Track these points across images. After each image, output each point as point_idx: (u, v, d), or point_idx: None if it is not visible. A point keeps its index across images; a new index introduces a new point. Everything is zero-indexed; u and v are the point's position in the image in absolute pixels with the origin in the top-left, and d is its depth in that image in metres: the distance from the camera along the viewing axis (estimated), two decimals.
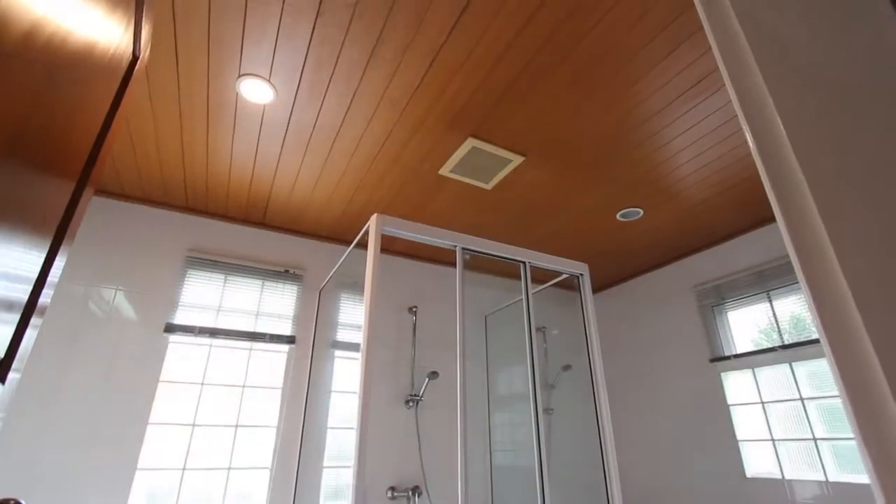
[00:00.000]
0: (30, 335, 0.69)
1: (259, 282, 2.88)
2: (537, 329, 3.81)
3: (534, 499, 1.87)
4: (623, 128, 2.07)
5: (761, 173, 0.50)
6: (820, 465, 2.39)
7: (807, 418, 2.49)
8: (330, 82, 1.82)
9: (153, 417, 2.35)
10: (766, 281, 2.80)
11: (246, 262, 2.86)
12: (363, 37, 1.62)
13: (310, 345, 2.90)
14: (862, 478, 2.25)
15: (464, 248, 2.09)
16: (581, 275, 2.45)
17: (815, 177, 0.47)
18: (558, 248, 3.31)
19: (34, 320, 0.68)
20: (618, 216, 2.84)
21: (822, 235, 0.45)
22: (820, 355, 2.48)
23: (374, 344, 3.00)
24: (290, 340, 2.84)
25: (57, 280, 0.76)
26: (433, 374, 2.98)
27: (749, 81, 0.52)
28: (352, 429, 2.85)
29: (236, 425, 2.54)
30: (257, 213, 2.87)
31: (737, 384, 2.91)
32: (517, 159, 2.27)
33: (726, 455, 2.82)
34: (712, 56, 1.71)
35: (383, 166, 2.38)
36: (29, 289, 0.65)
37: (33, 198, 0.58)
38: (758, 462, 2.70)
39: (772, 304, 2.79)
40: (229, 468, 2.45)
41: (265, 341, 2.77)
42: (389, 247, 3.34)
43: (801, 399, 2.53)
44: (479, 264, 3.65)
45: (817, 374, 2.51)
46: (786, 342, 2.67)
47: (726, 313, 3.08)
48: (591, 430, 2.19)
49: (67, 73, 0.57)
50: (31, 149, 0.53)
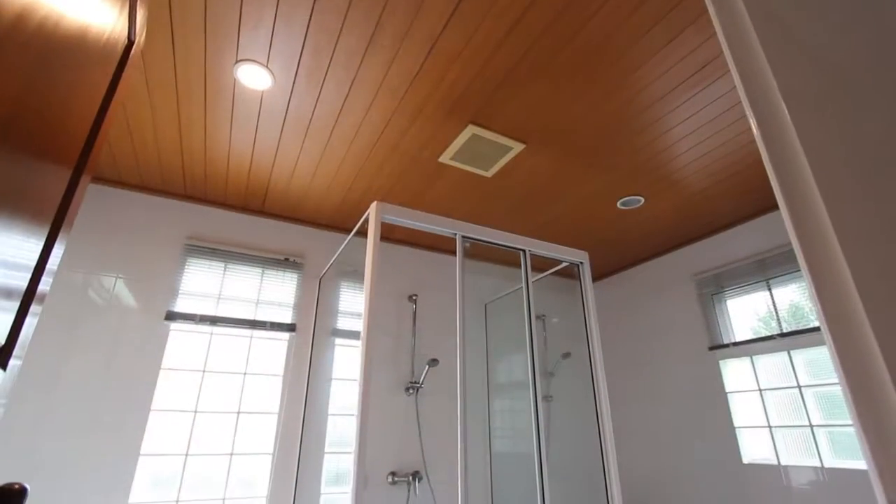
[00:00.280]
0: (30, 323, 0.69)
1: (259, 270, 2.88)
2: (537, 317, 3.82)
3: (532, 484, 1.90)
4: (624, 115, 2.05)
5: (764, 159, 0.50)
6: (816, 451, 2.41)
7: (804, 405, 2.51)
8: (328, 69, 1.80)
9: (155, 404, 2.37)
10: (766, 269, 2.81)
11: (245, 250, 2.86)
12: (361, 23, 1.59)
13: (310, 333, 2.91)
14: (856, 463, 2.28)
15: (464, 236, 2.09)
16: (581, 263, 2.45)
17: (820, 163, 0.46)
18: (558, 236, 3.31)
19: (34, 308, 0.68)
20: (618, 204, 2.83)
21: (826, 223, 0.44)
22: (818, 343, 2.49)
23: (375, 332, 3.01)
24: (290, 328, 2.85)
25: (56, 268, 0.75)
26: (433, 362, 3.00)
27: (753, 65, 0.51)
28: (352, 415, 2.88)
29: (238, 412, 2.56)
30: (256, 201, 2.86)
31: (735, 372, 2.92)
32: (517, 146, 2.26)
33: (723, 442, 2.85)
34: (715, 42, 1.69)
35: (383, 154, 2.36)
36: (28, 276, 0.65)
37: (30, 184, 0.58)
38: (754, 448, 2.73)
39: (771, 293, 2.79)
40: (231, 454, 2.48)
41: (266, 329, 2.77)
42: (389, 235, 3.33)
43: (799, 387, 2.55)
44: (479, 252, 3.65)
45: (815, 362, 2.52)
46: (784, 330, 2.68)
47: (725, 302, 3.09)
48: (589, 417, 2.21)
49: (61, 57, 0.56)
50: (26, 134, 0.52)
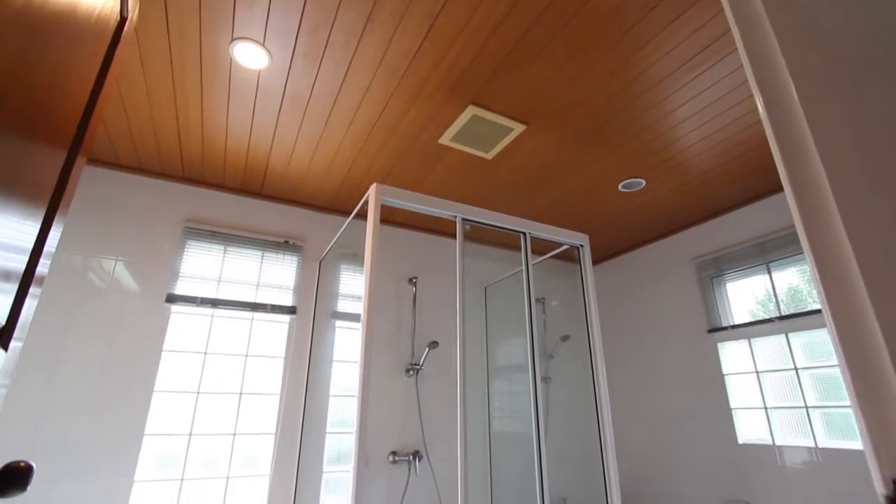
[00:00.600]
0: (29, 304, 0.69)
1: (259, 253, 2.88)
2: (537, 300, 3.83)
3: (531, 463, 1.93)
4: (627, 96, 2.02)
5: (770, 140, 0.49)
6: (810, 431, 2.45)
7: (800, 387, 2.53)
8: (326, 48, 1.77)
9: (158, 385, 2.40)
10: (766, 253, 2.80)
11: (245, 232, 2.85)
12: (358, 0, 1.56)
13: (311, 315, 2.92)
14: (850, 444, 2.31)
15: (464, 219, 2.08)
16: (581, 246, 2.44)
17: (827, 145, 0.45)
18: (559, 219, 3.30)
19: (33, 290, 0.68)
20: (620, 187, 2.81)
21: (831, 204, 0.44)
22: (816, 326, 2.50)
23: (375, 314, 3.03)
24: (291, 311, 2.86)
25: (54, 250, 0.75)
26: (433, 344, 3.02)
27: (762, 42, 0.50)
28: (353, 397, 2.91)
29: (240, 393, 2.59)
30: (255, 184, 2.84)
31: (733, 354, 2.95)
32: (519, 128, 2.23)
33: (720, 423, 2.89)
34: (721, 20, 1.66)
35: (382, 136, 2.34)
36: (25, 259, 0.65)
37: (25, 165, 0.57)
38: (750, 429, 2.77)
39: (771, 276, 2.80)
40: (234, 434, 2.51)
41: (266, 312, 2.79)
42: (389, 217, 3.32)
43: (796, 369, 2.57)
44: (479, 235, 3.64)
45: (813, 345, 2.54)
46: (783, 313, 2.69)
47: (725, 285, 3.10)
48: (588, 399, 2.24)
49: (51, 33, 0.55)
50: (19, 113, 0.51)
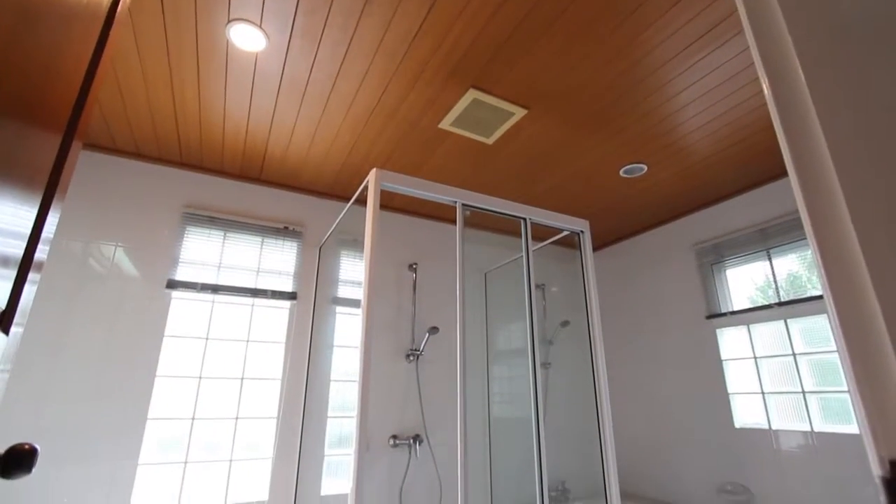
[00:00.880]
0: (29, 290, 0.69)
1: (259, 238, 2.88)
2: (537, 286, 3.84)
3: (530, 447, 1.95)
4: (630, 79, 2.00)
5: (775, 122, 0.48)
6: (807, 416, 2.48)
7: (797, 372, 2.55)
8: (324, 30, 1.74)
9: (161, 370, 2.41)
10: (767, 239, 2.80)
11: (244, 218, 2.84)
12: None
13: (311, 301, 2.93)
14: (845, 428, 2.34)
15: (464, 204, 2.07)
16: (581, 232, 2.44)
17: (833, 127, 0.45)
18: (559, 204, 3.28)
19: (32, 276, 0.68)
20: (621, 172, 2.79)
21: (836, 188, 0.43)
22: (816, 312, 2.51)
23: (375, 300, 3.03)
24: (291, 296, 2.87)
25: (52, 235, 0.75)
26: (433, 330, 3.03)
27: (768, 19, 0.49)
28: (354, 381, 2.94)
29: (242, 378, 2.61)
30: (254, 169, 2.82)
31: (732, 340, 2.96)
32: (520, 112, 2.21)
33: (717, 407, 2.92)
34: (723, 3, 1.62)
35: (381, 120, 2.31)
36: (23, 245, 0.65)
37: (20, 149, 0.56)
38: (747, 413, 2.80)
39: (771, 263, 2.80)
40: (237, 418, 2.54)
41: (267, 297, 2.79)
42: (389, 203, 3.31)
43: (794, 354, 2.59)
44: (479, 221, 3.63)
45: (811, 331, 2.55)
46: (782, 299, 2.69)
47: (725, 271, 3.10)
48: (587, 384, 2.26)
49: (44, 12, 0.54)
50: (12, 95, 0.50)
